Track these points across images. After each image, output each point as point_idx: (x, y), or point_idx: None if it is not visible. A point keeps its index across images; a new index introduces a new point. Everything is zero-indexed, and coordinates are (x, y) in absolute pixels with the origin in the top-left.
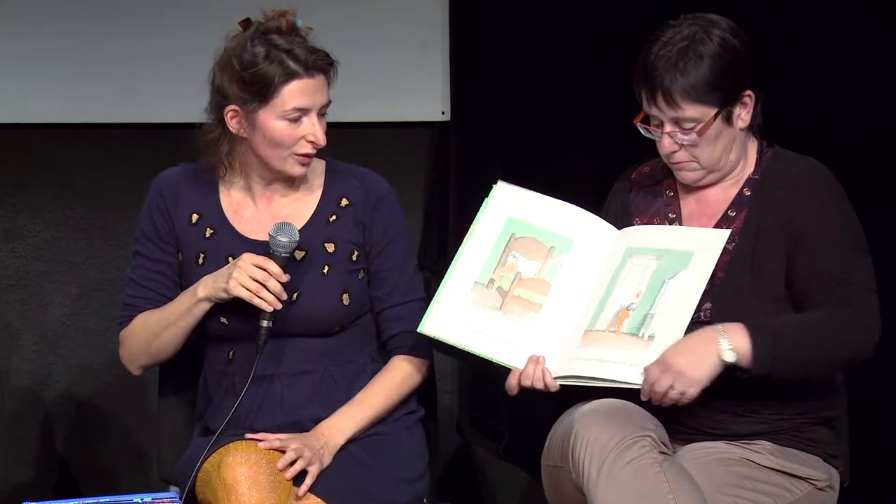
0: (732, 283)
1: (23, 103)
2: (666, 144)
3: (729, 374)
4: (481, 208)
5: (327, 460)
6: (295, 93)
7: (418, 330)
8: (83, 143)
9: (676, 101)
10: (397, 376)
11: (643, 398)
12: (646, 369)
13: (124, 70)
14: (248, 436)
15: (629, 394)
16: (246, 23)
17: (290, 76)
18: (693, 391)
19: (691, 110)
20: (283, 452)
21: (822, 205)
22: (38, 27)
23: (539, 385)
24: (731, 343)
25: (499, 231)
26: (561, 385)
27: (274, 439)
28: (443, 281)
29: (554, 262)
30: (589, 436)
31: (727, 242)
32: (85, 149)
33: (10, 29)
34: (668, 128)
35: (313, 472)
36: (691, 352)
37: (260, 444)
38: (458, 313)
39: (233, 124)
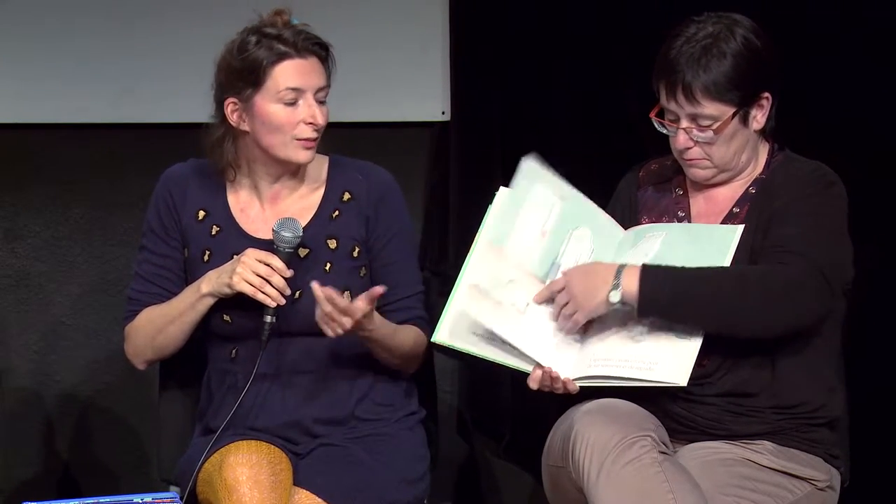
0: None
1: (23, 103)
2: (681, 140)
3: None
4: (485, 214)
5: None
6: (286, 73)
7: (432, 339)
8: (83, 143)
9: (696, 98)
10: (413, 332)
11: (536, 300)
12: (554, 280)
13: (124, 70)
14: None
15: (631, 393)
16: None
17: (280, 57)
18: (580, 317)
19: (710, 107)
20: (280, 450)
21: (806, 190)
22: (38, 27)
23: (559, 390)
24: (622, 280)
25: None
26: (581, 387)
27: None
28: (452, 290)
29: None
30: (589, 436)
31: None
32: (85, 149)
33: (10, 29)
34: (684, 123)
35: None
36: (588, 280)
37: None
38: (470, 322)
39: (233, 118)
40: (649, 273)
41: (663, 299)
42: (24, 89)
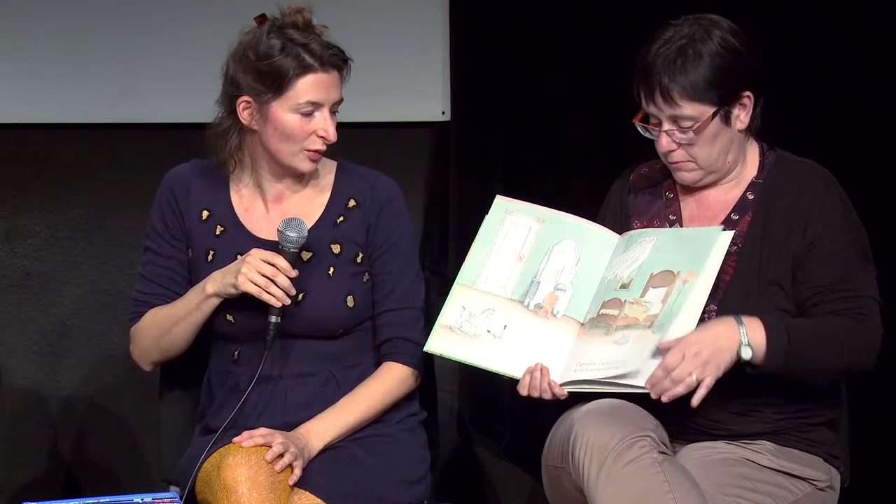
0: (738, 286)
1: (23, 103)
2: (664, 143)
3: (734, 370)
4: (483, 223)
5: (307, 460)
6: (309, 86)
7: (424, 349)
8: (83, 143)
9: (674, 99)
10: (385, 383)
11: (645, 384)
12: (665, 356)
13: (124, 70)
14: (235, 440)
15: (630, 394)
16: (261, 18)
17: (305, 70)
18: (711, 381)
19: (689, 108)
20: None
21: (832, 214)
22: (38, 27)
23: (547, 395)
24: (748, 337)
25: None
26: (569, 392)
27: (258, 436)
28: (447, 299)
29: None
30: (589, 436)
31: (732, 244)
32: (85, 149)
33: (10, 29)
34: (666, 126)
35: (298, 469)
36: (714, 341)
37: (244, 443)
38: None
39: (244, 116)
40: (773, 327)
41: (787, 353)
42: (24, 89)
